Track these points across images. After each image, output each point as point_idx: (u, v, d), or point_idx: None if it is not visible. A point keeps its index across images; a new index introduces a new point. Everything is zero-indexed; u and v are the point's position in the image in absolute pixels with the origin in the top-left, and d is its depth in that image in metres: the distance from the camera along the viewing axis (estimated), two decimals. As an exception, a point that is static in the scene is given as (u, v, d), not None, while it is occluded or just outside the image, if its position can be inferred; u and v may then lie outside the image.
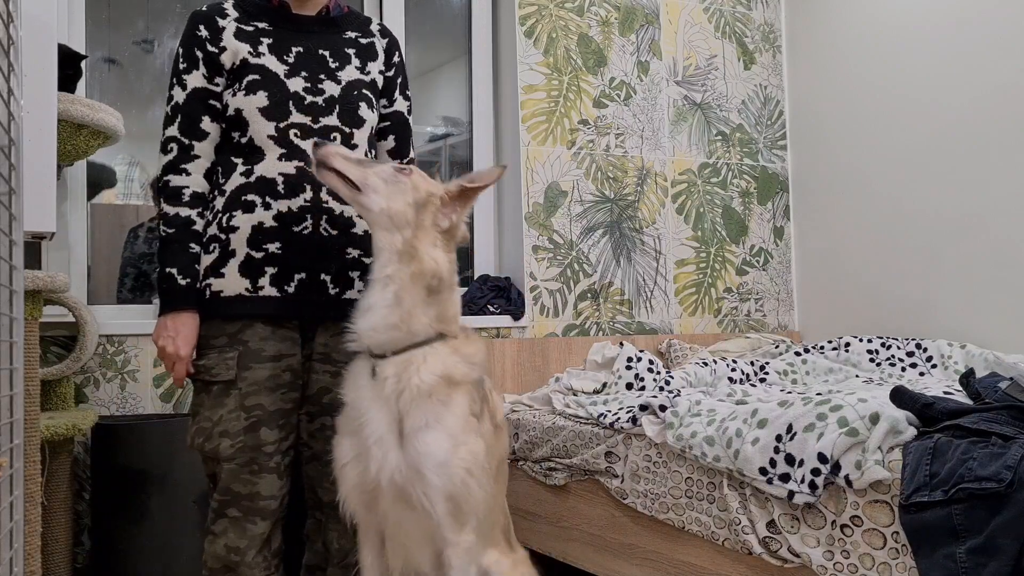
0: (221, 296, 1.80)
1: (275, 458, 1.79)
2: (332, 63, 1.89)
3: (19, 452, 1.52)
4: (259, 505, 1.78)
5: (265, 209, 1.79)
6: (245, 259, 1.79)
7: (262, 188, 1.79)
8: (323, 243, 1.82)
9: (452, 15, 3.63)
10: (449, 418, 1.57)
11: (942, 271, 3.23)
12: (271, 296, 1.79)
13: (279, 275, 1.79)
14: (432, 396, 1.56)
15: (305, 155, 1.79)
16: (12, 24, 1.47)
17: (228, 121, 1.84)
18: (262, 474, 1.78)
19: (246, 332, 1.79)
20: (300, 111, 1.83)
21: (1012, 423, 1.65)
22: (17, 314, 1.52)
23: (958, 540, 1.48)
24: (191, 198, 1.83)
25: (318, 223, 1.81)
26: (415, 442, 1.55)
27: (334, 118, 1.85)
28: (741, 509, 1.94)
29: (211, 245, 1.82)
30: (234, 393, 1.77)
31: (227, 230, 1.80)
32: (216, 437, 1.77)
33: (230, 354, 1.78)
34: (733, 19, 3.84)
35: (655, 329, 3.57)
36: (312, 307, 1.82)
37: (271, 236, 1.79)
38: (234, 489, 1.77)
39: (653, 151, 3.62)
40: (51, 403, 2.53)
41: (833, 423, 1.75)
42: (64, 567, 2.36)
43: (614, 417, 2.40)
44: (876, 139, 3.49)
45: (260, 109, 1.80)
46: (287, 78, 1.83)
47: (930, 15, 3.29)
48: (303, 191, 1.80)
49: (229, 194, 1.81)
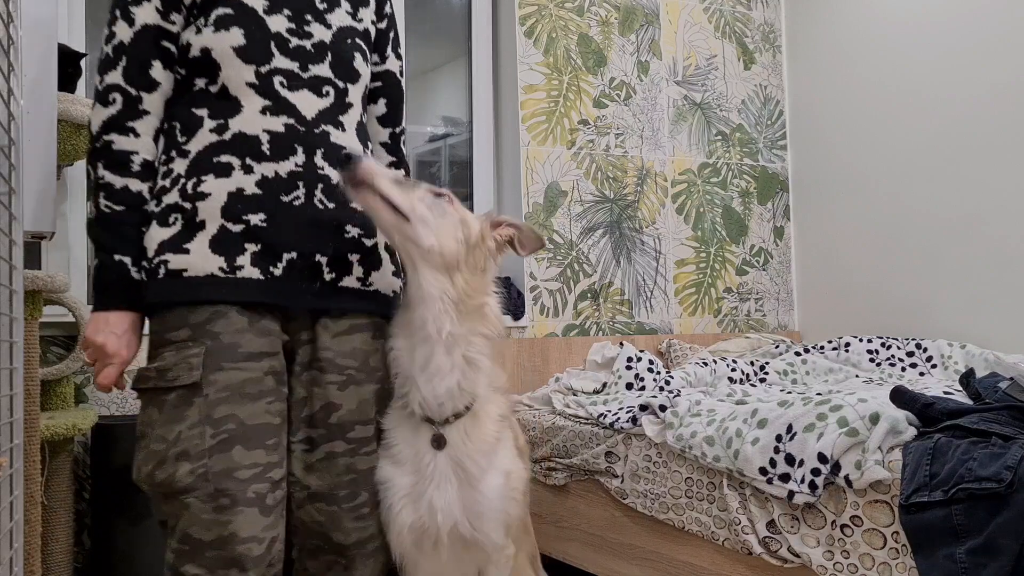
0: (184, 276, 1.41)
1: (254, 486, 1.38)
2: (320, 3, 1.56)
3: (19, 452, 1.52)
4: (236, 552, 1.35)
5: (245, 173, 1.44)
6: (219, 232, 1.43)
7: (241, 147, 1.45)
8: (318, 217, 1.48)
9: (452, 15, 3.63)
10: (502, 455, 1.52)
11: (942, 271, 3.23)
12: (251, 279, 1.43)
13: (263, 253, 1.44)
14: (489, 443, 1.51)
15: (295, 110, 1.48)
16: (12, 24, 1.47)
17: (190, 65, 1.48)
18: (237, 508, 1.36)
19: (216, 322, 1.40)
20: (284, 54, 1.49)
21: (1012, 423, 1.65)
22: (17, 314, 1.52)
23: (958, 540, 1.48)
24: (141, 168, 1.47)
25: (312, 193, 1.48)
26: (477, 485, 1.47)
27: (326, 68, 1.53)
28: (741, 509, 1.94)
29: (169, 216, 1.44)
30: (197, 402, 1.37)
31: (193, 197, 1.43)
32: (171, 461, 1.36)
33: (194, 350, 1.38)
34: (733, 19, 3.84)
35: (655, 329, 3.57)
36: (302, 295, 1.48)
37: (253, 205, 1.44)
38: (194, 535, 1.36)
39: (653, 151, 3.62)
40: (51, 403, 2.52)
41: (833, 423, 1.75)
42: (64, 567, 2.36)
43: (614, 417, 2.40)
44: (876, 139, 3.49)
45: (235, 49, 1.45)
46: (266, 15, 1.49)
47: (930, 15, 3.29)
48: (293, 153, 1.47)
49: (195, 155, 1.45)
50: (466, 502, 1.46)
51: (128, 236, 1.45)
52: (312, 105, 1.50)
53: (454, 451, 1.47)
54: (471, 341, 1.45)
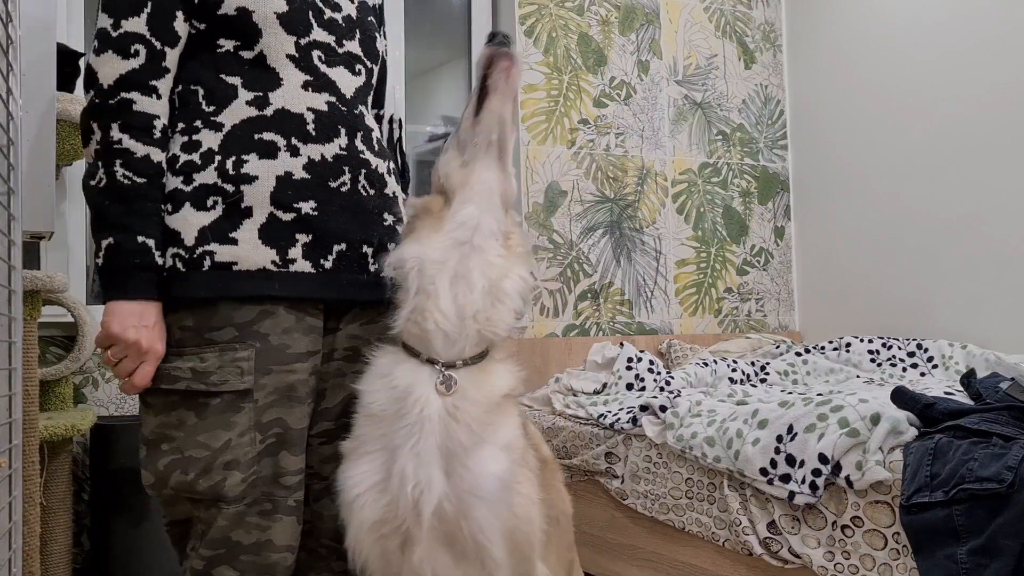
0: (234, 270, 1.29)
1: (296, 494, 1.34)
2: None
3: (18, 452, 1.52)
4: (270, 560, 1.31)
5: (292, 155, 1.32)
6: (268, 220, 1.31)
7: (285, 126, 1.33)
8: (364, 205, 1.40)
9: (452, 15, 3.62)
10: (505, 431, 1.26)
11: (942, 271, 3.23)
12: (304, 272, 1.33)
13: (314, 244, 1.34)
14: (489, 411, 1.26)
15: (336, 88, 1.37)
16: (12, 24, 1.46)
17: (217, 22, 1.33)
18: (277, 515, 1.31)
19: (264, 322, 1.30)
20: (322, 26, 1.37)
21: (1013, 423, 1.64)
22: (16, 314, 1.52)
23: (959, 541, 1.48)
24: (161, 134, 1.31)
25: (356, 178, 1.39)
26: (468, 460, 1.21)
27: (356, 45, 1.43)
28: (742, 510, 1.94)
29: (207, 198, 1.30)
30: (247, 408, 1.28)
31: (237, 179, 1.30)
32: (219, 470, 1.28)
33: (242, 353, 1.28)
34: (733, 18, 3.84)
35: (655, 329, 3.57)
36: (350, 287, 1.39)
37: (303, 192, 1.33)
38: (234, 539, 1.29)
39: (653, 151, 3.61)
40: (50, 403, 2.52)
41: (834, 424, 1.75)
42: (63, 567, 2.36)
43: (614, 418, 2.39)
44: (876, 139, 3.48)
45: (279, 16, 1.32)
46: None
47: (930, 15, 3.28)
48: (337, 135, 1.37)
49: (231, 129, 1.32)
50: (453, 477, 1.21)
51: (150, 214, 1.28)
52: (350, 83, 1.41)
53: (450, 405, 1.22)
54: (508, 275, 1.27)
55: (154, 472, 1.31)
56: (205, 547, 1.30)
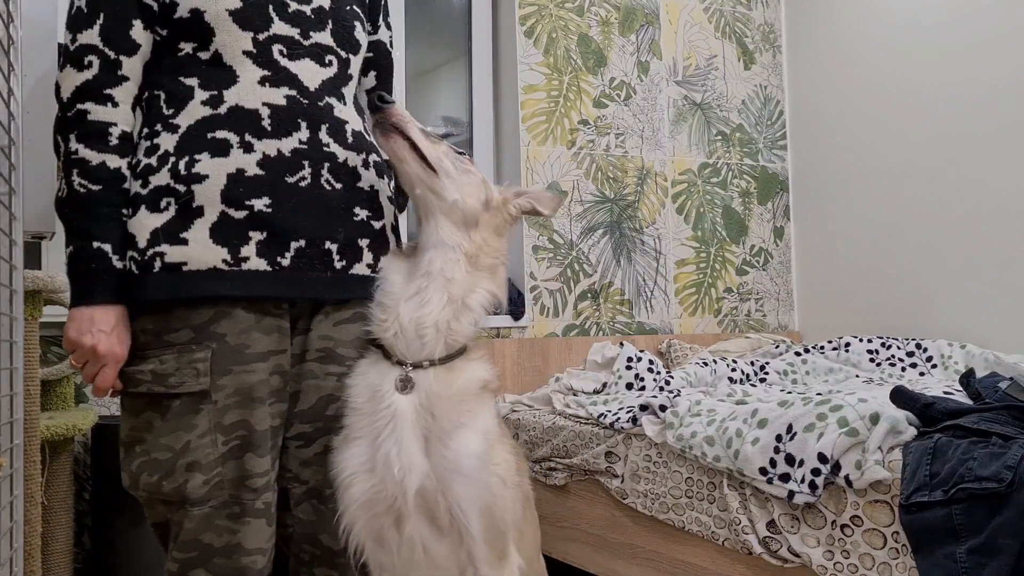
0: (183, 270, 1.28)
1: (264, 496, 1.32)
2: None
3: (19, 452, 1.52)
4: (241, 563, 1.30)
5: (245, 152, 1.31)
6: (220, 219, 1.30)
7: (239, 122, 1.32)
8: (326, 200, 1.37)
9: (452, 15, 3.63)
10: (483, 418, 1.34)
11: (942, 271, 3.23)
12: (259, 271, 1.31)
13: (269, 242, 1.32)
14: (465, 401, 1.34)
15: (297, 81, 1.37)
16: (12, 24, 1.47)
17: (175, 26, 1.34)
18: (245, 518, 1.30)
19: (221, 322, 1.29)
20: (284, 19, 1.37)
21: (1012, 423, 1.65)
22: (17, 314, 1.52)
23: (958, 540, 1.48)
24: (120, 140, 1.32)
25: (318, 172, 1.36)
26: (448, 441, 1.29)
27: (327, 36, 1.42)
28: (741, 509, 1.94)
29: (160, 200, 1.30)
30: (207, 409, 1.29)
31: (188, 179, 1.29)
32: (181, 472, 1.28)
33: (199, 354, 1.28)
34: (733, 19, 3.84)
35: (655, 329, 3.57)
36: (313, 286, 1.36)
37: (256, 188, 1.31)
38: (204, 541, 1.29)
39: (653, 151, 3.62)
40: (51, 403, 2.52)
41: (833, 423, 1.75)
42: (64, 567, 2.36)
43: (614, 417, 2.40)
44: (876, 139, 3.49)
45: (231, 12, 1.33)
46: None
47: (930, 15, 3.29)
48: (296, 129, 1.35)
49: (186, 130, 1.31)
50: (434, 457, 1.28)
51: (106, 219, 1.29)
52: (315, 75, 1.39)
53: (422, 398, 1.30)
54: (475, 290, 1.35)
55: (129, 474, 1.33)
56: (178, 550, 1.31)
